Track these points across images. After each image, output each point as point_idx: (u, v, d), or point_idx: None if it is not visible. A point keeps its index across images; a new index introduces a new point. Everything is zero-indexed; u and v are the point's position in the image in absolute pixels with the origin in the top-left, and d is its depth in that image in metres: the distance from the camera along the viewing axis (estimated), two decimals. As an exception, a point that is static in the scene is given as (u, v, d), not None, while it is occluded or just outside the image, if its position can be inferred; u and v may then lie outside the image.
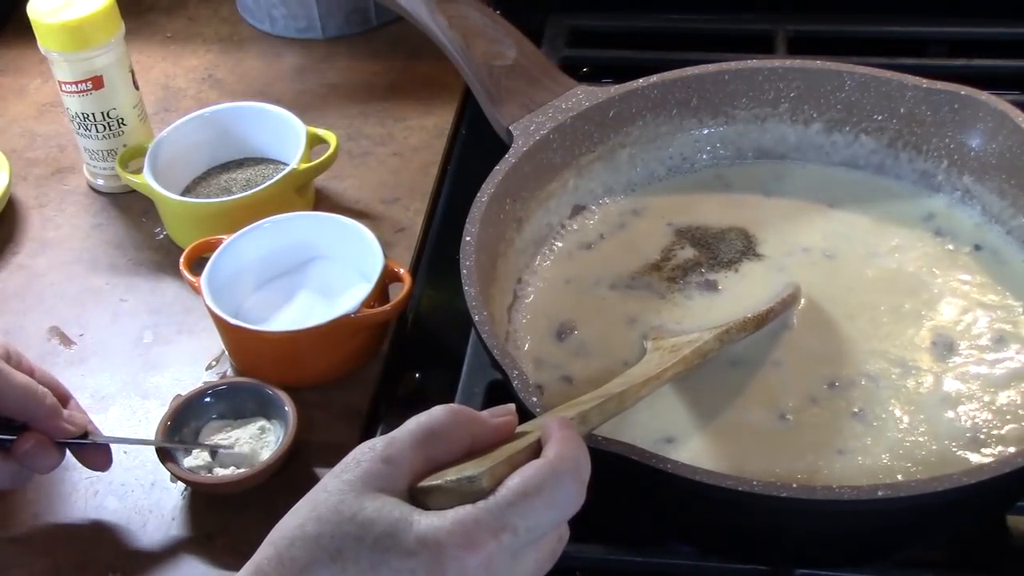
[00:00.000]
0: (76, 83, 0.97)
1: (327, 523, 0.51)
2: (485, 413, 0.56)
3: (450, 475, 0.52)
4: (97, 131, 1.00)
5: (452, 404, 0.56)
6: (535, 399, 0.64)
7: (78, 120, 1.00)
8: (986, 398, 0.71)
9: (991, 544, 0.75)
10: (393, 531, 0.50)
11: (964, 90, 0.83)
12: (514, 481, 0.51)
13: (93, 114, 0.99)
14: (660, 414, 0.71)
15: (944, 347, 0.74)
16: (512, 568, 0.51)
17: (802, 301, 0.77)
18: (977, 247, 0.81)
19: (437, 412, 0.55)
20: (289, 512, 0.53)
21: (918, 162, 0.86)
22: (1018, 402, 0.71)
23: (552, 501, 0.51)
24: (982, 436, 0.69)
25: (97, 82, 0.97)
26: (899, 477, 0.67)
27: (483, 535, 0.50)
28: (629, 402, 0.63)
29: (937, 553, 0.72)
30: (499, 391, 0.80)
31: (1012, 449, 0.68)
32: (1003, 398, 0.71)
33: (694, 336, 0.72)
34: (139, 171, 0.98)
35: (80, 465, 0.78)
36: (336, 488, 0.52)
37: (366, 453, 0.53)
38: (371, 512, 0.51)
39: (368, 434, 0.83)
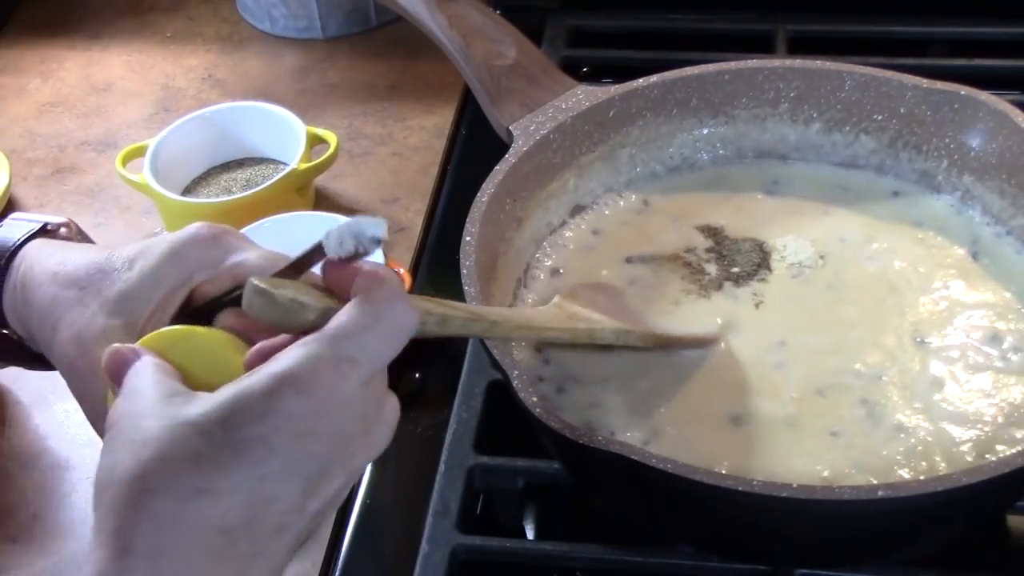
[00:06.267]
0: None
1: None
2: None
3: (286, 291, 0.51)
4: None
5: None
6: (535, 399, 0.64)
7: None
8: (985, 395, 0.71)
9: (991, 544, 0.75)
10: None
11: (964, 90, 0.83)
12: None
13: None
14: (666, 413, 0.71)
15: (943, 344, 0.74)
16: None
17: (722, 345, 0.75)
18: (977, 247, 0.81)
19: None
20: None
21: (918, 162, 0.86)
22: (1019, 400, 0.71)
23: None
24: (983, 433, 0.69)
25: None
26: (900, 465, 0.67)
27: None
28: (498, 334, 0.65)
29: (937, 553, 0.72)
30: (499, 391, 0.80)
31: (1015, 448, 0.68)
32: (1002, 395, 0.71)
33: (596, 318, 0.71)
34: (139, 171, 0.98)
35: (80, 465, 0.78)
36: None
37: None
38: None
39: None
